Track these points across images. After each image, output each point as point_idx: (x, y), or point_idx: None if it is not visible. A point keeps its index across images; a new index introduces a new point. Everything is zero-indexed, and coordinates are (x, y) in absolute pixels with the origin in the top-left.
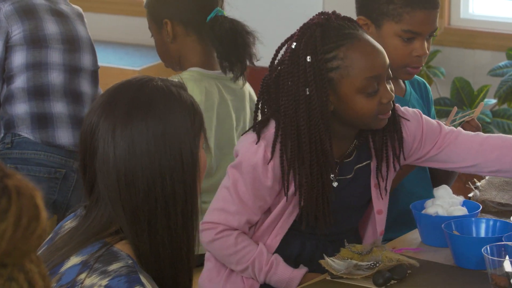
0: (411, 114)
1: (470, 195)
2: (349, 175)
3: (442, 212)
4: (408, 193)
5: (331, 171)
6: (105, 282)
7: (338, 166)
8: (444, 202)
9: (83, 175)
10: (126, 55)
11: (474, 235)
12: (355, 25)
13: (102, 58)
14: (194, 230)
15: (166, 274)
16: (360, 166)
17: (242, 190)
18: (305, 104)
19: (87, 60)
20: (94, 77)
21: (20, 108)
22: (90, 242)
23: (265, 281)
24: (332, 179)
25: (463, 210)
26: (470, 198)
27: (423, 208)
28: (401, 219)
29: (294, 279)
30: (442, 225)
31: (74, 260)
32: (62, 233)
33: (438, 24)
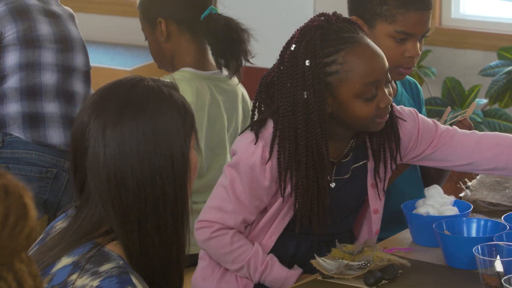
0: (407, 113)
1: (461, 195)
2: (346, 175)
3: (433, 212)
4: (399, 193)
5: (328, 174)
6: (96, 283)
7: (336, 166)
8: (435, 202)
9: (74, 175)
10: (117, 55)
11: (465, 235)
12: (356, 27)
13: (93, 58)
14: (184, 230)
15: (157, 274)
16: (356, 165)
17: (239, 189)
18: (303, 107)
19: (80, 60)
20: (86, 77)
21: (12, 107)
22: (81, 243)
23: (259, 281)
24: (329, 180)
25: (454, 210)
26: (461, 198)
27: (414, 208)
28: (392, 219)
29: (289, 280)
30: (433, 225)
31: (66, 260)
32: (53, 233)
33: (429, 24)
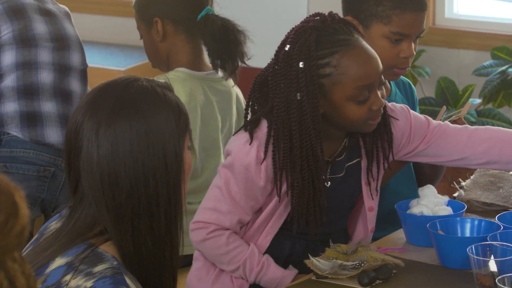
0: (399, 110)
1: (455, 195)
2: (340, 174)
3: (427, 211)
4: (393, 192)
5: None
6: (90, 283)
7: (330, 166)
8: (429, 201)
9: (68, 175)
10: (111, 55)
11: (459, 235)
12: (351, 29)
13: (87, 58)
14: (178, 231)
15: (150, 274)
16: (350, 164)
17: (234, 190)
18: (297, 108)
19: (76, 58)
20: (83, 75)
21: (9, 106)
22: (75, 243)
23: (255, 281)
24: (324, 180)
25: (448, 210)
26: (455, 197)
27: (408, 207)
28: (386, 219)
29: (284, 280)
30: (427, 224)
31: (59, 261)
32: (47, 234)
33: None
